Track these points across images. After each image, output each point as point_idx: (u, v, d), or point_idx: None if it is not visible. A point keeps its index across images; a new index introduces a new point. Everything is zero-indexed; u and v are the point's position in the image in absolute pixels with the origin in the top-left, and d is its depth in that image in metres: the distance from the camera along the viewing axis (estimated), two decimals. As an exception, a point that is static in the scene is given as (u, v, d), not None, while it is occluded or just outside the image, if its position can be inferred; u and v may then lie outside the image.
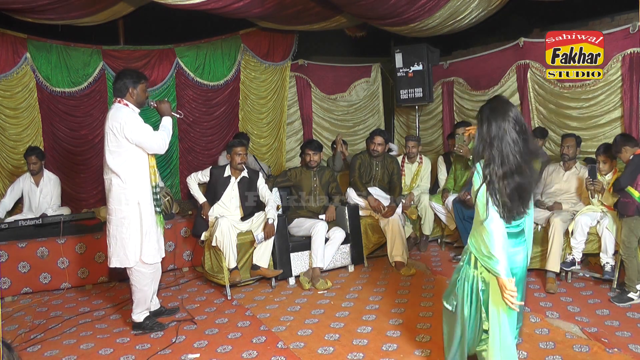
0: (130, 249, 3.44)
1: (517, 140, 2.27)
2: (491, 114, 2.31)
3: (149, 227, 3.49)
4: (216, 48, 6.62)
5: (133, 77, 3.48)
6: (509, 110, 2.31)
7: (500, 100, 2.40)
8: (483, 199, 2.31)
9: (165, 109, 3.63)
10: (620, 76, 5.03)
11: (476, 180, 2.38)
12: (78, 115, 6.09)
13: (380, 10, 5.03)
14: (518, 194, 2.28)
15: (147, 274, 3.54)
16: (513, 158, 2.26)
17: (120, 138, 3.36)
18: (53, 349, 3.42)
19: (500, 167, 2.26)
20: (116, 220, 3.45)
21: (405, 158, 5.76)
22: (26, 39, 5.73)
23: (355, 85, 7.58)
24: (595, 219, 4.17)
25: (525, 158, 2.29)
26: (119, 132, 3.35)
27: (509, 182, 2.26)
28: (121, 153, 3.39)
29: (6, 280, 4.48)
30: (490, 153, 2.29)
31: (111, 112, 3.43)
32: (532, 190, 2.36)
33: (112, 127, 3.36)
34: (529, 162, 2.30)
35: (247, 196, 4.65)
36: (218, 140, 6.80)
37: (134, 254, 3.45)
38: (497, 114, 2.30)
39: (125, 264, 3.48)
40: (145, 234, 3.47)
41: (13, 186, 5.19)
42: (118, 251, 3.46)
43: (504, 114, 2.29)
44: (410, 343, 3.25)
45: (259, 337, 3.47)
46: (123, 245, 3.44)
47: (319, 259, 4.56)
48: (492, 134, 2.28)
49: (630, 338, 3.21)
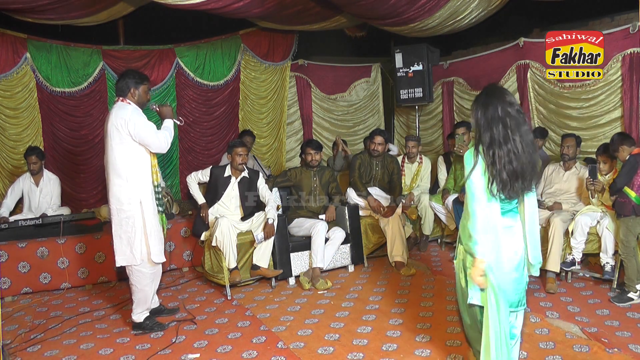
0: (137, 247, 3.44)
1: (517, 120, 2.31)
2: (487, 98, 2.37)
3: (152, 226, 3.49)
4: (216, 48, 6.62)
5: (136, 77, 3.49)
6: (504, 93, 2.37)
7: (495, 85, 2.47)
8: (483, 180, 2.33)
9: (167, 113, 3.64)
10: (620, 76, 5.03)
11: (468, 163, 2.39)
12: (78, 115, 6.09)
13: (380, 10, 5.03)
14: (516, 176, 2.31)
15: (148, 274, 3.53)
16: (513, 138, 2.29)
17: (124, 135, 3.36)
18: (53, 349, 3.42)
19: (500, 148, 2.29)
20: (119, 220, 3.45)
21: (405, 158, 5.76)
22: (26, 39, 5.74)
23: (355, 85, 7.59)
24: (595, 219, 4.17)
25: (526, 139, 2.32)
26: (123, 129, 3.34)
27: (510, 161, 2.29)
28: (124, 151, 3.38)
29: (6, 280, 4.48)
30: (491, 134, 2.31)
31: (114, 111, 3.42)
32: (534, 170, 2.37)
33: (116, 125, 3.35)
34: (529, 144, 2.33)
35: (247, 196, 4.65)
36: (218, 140, 6.81)
37: (140, 252, 3.45)
38: (494, 97, 2.35)
39: (132, 261, 3.47)
40: (150, 233, 3.47)
41: (13, 186, 5.19)
42: (124, 249, 3.46)
43: (500, 96, 2.35)
44: (410, 343, 3.25)
45: (259, 337, 3.47)
46: (129, 243, 3.44)
47: (319, 259, 4.56)
48: (489, 117, 2.32)
49: (630, 338, 3.21)
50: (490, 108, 2.32)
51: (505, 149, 2.29)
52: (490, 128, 2.31)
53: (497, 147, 2.29)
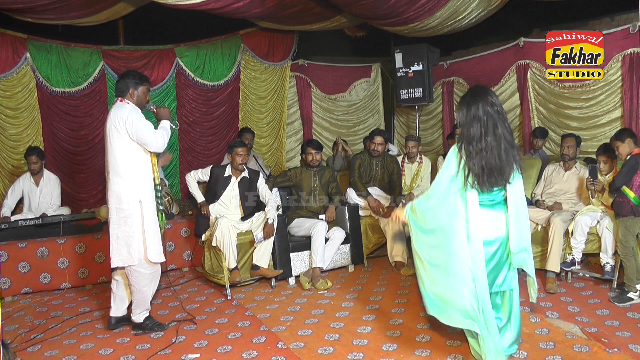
0: (135, 247, 3.43)
1: (494, 120, 2.54)
2: (471, 98, 2.59)
3: (150, 226, 3.48)
4: (216, 48, 6.62)
5: (136, 78, 3.51)
6: (488, 94, 2.59)
7: (480, 86, 2.70)
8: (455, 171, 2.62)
9: (164, 114, 3.64)
10: (620, 76, 5.03)
11: (451, 155, 2.66)
12: (78, 115, 6.09)
13: (380, 10, 5.03)
14: (489, 171, 2.54)
15: (146, 275, 3.52)
16: (486, 137, 2.52)
17: (123, 134, 3.37)
18: (53, 349, 3.42)
19: (476, 144, 2.53)
20: (117, 219, 3.44)
21: (405, 158, 5.76)
22: (26, 39, 5.74)
23: (355, 85, 7.59)
24: (595, 219, 4.17)
25: (498, 138, 2.54)
26: (121, 127, 3.36)
27: (482, 158, 2.53)
28: (123, 150, 3.39)
29: (6, 280, 4.48)
30: (470, 132, 2.55)
31: (113, 110, 3.44)
32: (509, 167, 2.59)
33: (115, 124, 3.37)
34: (506, 142, 2.55)
35: (247, 196, 4.65)
36: (218, 140, 6.81)
37: (138, 252, 3.44)
38: (477, 97, 2.57)
39: (129, 262, 3.45)
40: (148, 232, 3.46)
41: (14, 186, 5.19)
42: (120, 250, 3.45)
43: (483, 96, 2.57)
44: (410, 343, 3.25)
45: (259, 337, 3.47)
46: (127, 243, 3.43)
47: (319, 259, 4.56)
48: (470, 115, 2.55)
49: (630, 338, 3.20)
50: (472, 107, 2.55)
51: (479, 145, 2.52)
52: (470, 126, 2.55)
53: (475, 143, 2.53)
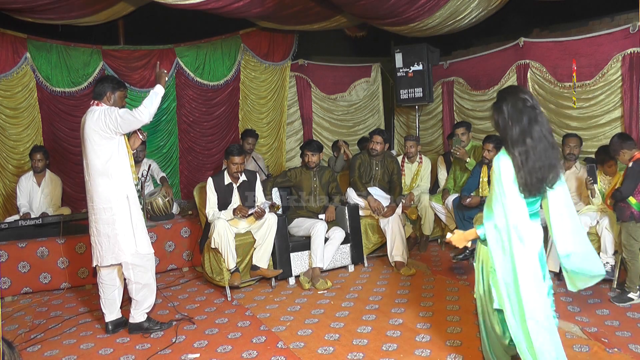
0: (125, 242, 3.48)
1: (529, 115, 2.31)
2: (506, 97, 2.39)
3: (138, 220, 3.54)
4: (216, 48, 6.62)
5: (113, 83, 3.55)
6: (519, 91, 2.41)
7: (512, 85, 2.62)
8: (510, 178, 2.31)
9: (160, 77, 3.63)
10: (620, 76, 5.02)
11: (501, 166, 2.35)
12: (78, 115, 6.06)
13: (380, 10, 5.03)
14: (543, 172, 2.30)
15: (147, 266, 3.57)
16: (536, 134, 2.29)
17: (106, 132, 3.38)
18: (53, 349, 3.42)
19: (522, 145, 2.29)
20: (107, 219, 3.47)
21: (405, 158, 5.76)
22: (26, 39, 5.73)
23: (355, 85, 7.59)
24: (594, 218, 4.17)
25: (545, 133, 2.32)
26: (104, 127, 3.38)
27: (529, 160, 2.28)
28: (105, 151, 3.43)
29: (6, 280, 4.48)
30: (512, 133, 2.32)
31: (88, 115, 3.47)
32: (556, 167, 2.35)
33: (94, 127, 3.40)
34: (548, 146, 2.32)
35: (246, 196, 4.64)
36: (218, 140, 6.81)
37: (129, 247, 3.48)
38: (510, 95, 2.39)
39: (121, 258, 3.49)
40: (136, 225, 3.52)
41: (19, 186, 5.20)
42: (112, 248, 3.48)
43: (516, 94, 2.38)
44: (410, 343, 3.25)
45: (259, 337, 3.47)
46: (117, 240, 3.47)
47: (319, 259, 4.56)
48: (506, 115, 2.34)
49: (630, 338, 3.21)
50: (504, 107, 2.35)
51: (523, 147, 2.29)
52: (511, 126, 2.32)
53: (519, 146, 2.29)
